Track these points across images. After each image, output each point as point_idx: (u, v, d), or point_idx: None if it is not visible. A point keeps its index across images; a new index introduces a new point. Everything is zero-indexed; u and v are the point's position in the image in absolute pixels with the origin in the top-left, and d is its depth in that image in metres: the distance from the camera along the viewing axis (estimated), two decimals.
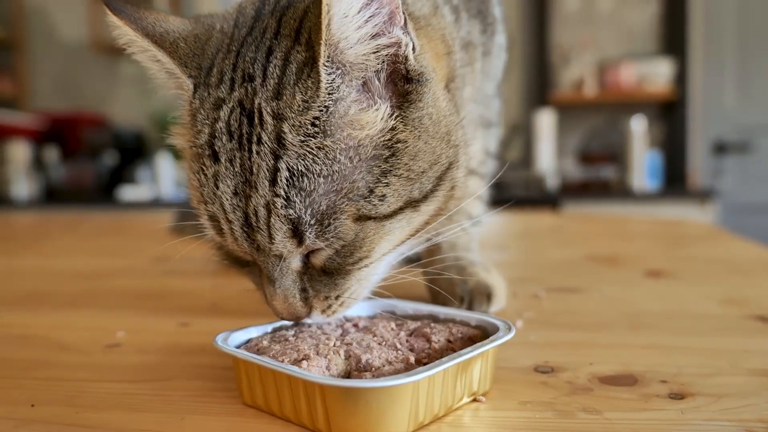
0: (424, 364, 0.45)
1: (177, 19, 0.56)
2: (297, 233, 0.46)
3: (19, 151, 3.64)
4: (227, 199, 0.47)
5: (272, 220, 0.46)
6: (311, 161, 0.45)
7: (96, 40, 4.06)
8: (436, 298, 0.71)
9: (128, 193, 3.51)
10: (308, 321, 0.53)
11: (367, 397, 0.38)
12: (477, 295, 0.69)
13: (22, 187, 3.66)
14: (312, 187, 0.45)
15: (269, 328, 0.53)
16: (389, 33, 0.48)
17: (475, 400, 0.46)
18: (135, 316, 0.74)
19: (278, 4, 0.52)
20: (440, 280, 0.71)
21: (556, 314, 0.71)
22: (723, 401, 0.45)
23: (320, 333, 0.52)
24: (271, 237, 0.46)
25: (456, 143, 0.53)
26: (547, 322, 0.67)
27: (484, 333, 0.52)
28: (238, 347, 0.48)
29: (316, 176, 0.45)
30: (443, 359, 0.42)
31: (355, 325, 0.54)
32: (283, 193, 0.45)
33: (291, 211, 0.45)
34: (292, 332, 0.52)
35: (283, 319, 0.52)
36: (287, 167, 0.45)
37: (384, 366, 0.45)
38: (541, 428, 0.41)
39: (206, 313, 0.74)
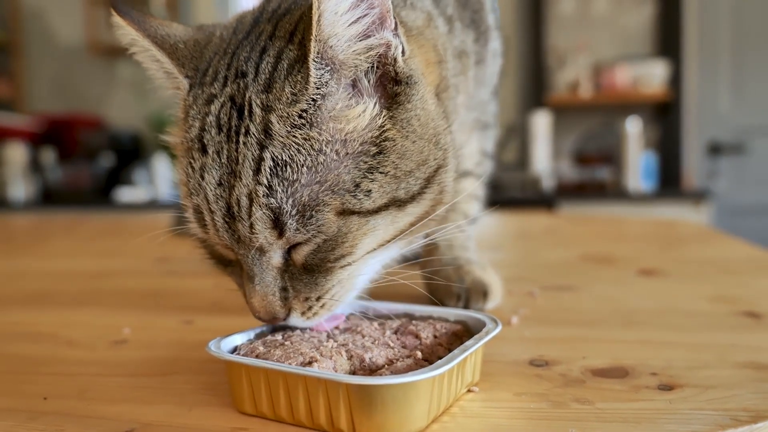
0: (425, 359, 0.47)
1: (180, 26, 0.59)
2: (278, 224, 0.46)
3: (16, 153, 3.65)
4: (211, 190, 0.48)
5: (254, 209, 0.46)
6: (296, 151, 0.46)
7: (93, 43, 4.07)
8: (433, 296, 0.73)
9: (125, 194, 3.52)
10: (290, 324, 0.52)
11: (395, 393, 0.39)
12: (473, 293, 0.71)
13: (19, 188, 3.67)
14: (295, 177, 0.46)
15: (252, 334, 0.52)
16: (379, 34, 0.49)
17: (468, 390, 0.48)
18: (139, 314, 0.76)
19: (276, 12, 0.55)
20: (437, 279, 0.72)
21: (550, 311, 0.73)
22: (709, 392, 0.46)
23: (309, 336, 0.51)
24: (251, 227, 0.47)
25: (444, 147, 0.54)
26: (541, 318, 0.69)
27: (465, 327, 0.53)
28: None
29: (299, 166, 0.46)
30: (455, 352, 0.43)
31: (336, 327, 0.54)
32: (265, 181, 0.46)
33: (272, 200, 0.46)
34: (280, 336, 0.51)
35: (260, 318, 0.51)
36: (272, 157, 0.46)
37: (396, 362, 0.45)
38: (535, 417, 0.43)
39: (209, 311, 0.76)
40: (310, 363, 0.44)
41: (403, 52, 0.51)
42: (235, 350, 0.49)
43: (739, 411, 0.43)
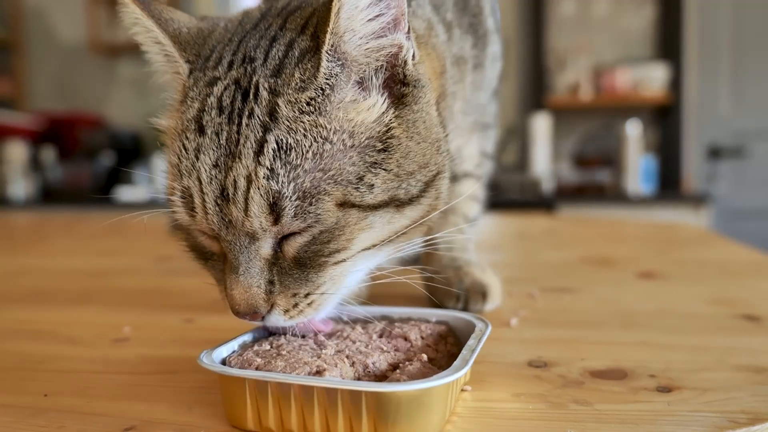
0: (428, 361, 0.47)
1: (185, 14, 0.59)
2: (275, 208, 0.45)
3: (17, 152, 3.65)
4: (206, 171, 0.47)
5: (251, 192, 0.45)
6: (302, 136, 0.46)
7: (94, 41, 4.07)
8: (433, 298, 0.73)
9: (125, 193, 3.52)
10: (267, 323, 0.50)
11: (421, 398, 0.39)
12: (472, 294, 0.71)
13: (20, 187, 3.67)
14: (298, 162, 0.45)
15: (236, 345, 0.49)
16: (392, 35, 0.50)
17: (462, 390, 0.48)
18: (140, 312, 0.76)
19: (285, 9, 0.55)
20: (437, 280, 0.72)
21: (549, 313, 0.73)
22: (708, 394, 0.47)
23: (300, 344, 0.49)
24: (247, 210, 0.45)
25: (443, 152, 0.54)
26: (541, 320, 0.69)
27: (449, 328, 0.53)
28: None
29: (304, 152, 0.46)
30: (464, 354, 0.43)
31: (316, 333, 0.52)
32: (267, 163, 0.45)
33: (273, 183, 0.45)
34: (268, 345, 0.49)
35: (237, 313, 0.48)
36: (275, 139, 0.45)
37: (403, 366, 0.45)
38: (533, 418, 0.43)
39: (209, 310, 0.76)
40: (318, 373, 0.43)
41: (413, 56, 0.52)
42: (223, 363, 0.46)
43: (738, 413, 0.43)
